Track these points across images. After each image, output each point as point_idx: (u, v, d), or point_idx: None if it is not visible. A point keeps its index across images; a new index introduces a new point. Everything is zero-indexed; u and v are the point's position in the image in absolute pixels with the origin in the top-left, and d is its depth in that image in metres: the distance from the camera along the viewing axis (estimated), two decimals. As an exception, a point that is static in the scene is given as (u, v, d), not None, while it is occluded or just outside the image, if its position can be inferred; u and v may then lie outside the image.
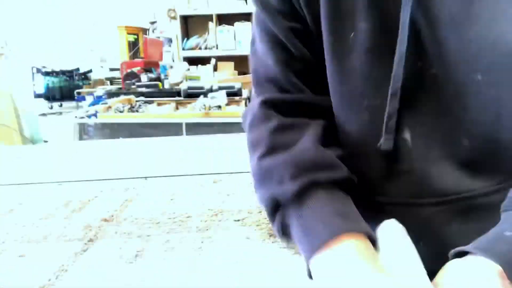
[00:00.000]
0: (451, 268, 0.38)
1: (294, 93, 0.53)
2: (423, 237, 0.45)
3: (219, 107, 2.95)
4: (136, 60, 6.00)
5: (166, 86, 4.11)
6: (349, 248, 0.40)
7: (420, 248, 0.40)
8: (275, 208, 0.46)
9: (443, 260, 0.39)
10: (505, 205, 0.42)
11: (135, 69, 4.28)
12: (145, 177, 1.02)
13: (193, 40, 5.11)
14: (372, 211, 0.49)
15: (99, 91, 4.47)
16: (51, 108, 10.17)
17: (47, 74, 10.36)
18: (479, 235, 0.40)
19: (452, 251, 0.39)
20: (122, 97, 3.32)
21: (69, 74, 10.38)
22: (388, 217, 0.43)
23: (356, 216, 0.44)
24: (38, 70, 10.89)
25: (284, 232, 0.46)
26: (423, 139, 0.47)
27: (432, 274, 0.39)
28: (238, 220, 0.73)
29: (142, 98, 3.48)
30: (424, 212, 0.48)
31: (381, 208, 0.50)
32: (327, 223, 0.42)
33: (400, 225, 0.42)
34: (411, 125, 0.47)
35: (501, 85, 0.43)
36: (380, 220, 0.43)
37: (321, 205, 0.44)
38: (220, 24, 5.08)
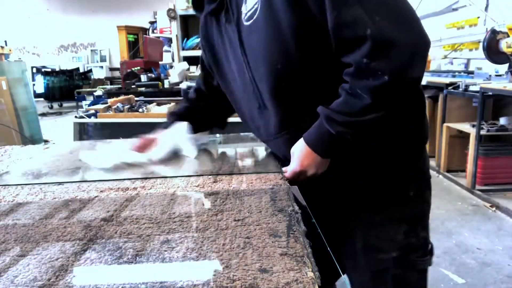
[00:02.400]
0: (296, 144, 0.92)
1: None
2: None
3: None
4: (136, 60, 6.00)
5: (166, 86, 4.11)
6: None
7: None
8: None
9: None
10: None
11: (135, 69, 4.28)
12: (145, 177, 1.02)
13: (193, 40, 5.10)
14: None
15: (99, 91, 4.47)
16: (51, 108, 10.18)
17: (47, 74, 10.36)
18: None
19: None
20: (122, 97, 3.32)
21: (69, 74, 10.38)
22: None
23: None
24: (38, 70, 10.89)
25: None
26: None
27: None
28: (238, 220, 0.73)
29: (142, 98, 3.48)
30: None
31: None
32: None
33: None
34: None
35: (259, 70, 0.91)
36: None
37: None
38: (220, 24, 5.07)
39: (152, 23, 7.98)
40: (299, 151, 0.91)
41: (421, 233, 0.96)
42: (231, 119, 1.35)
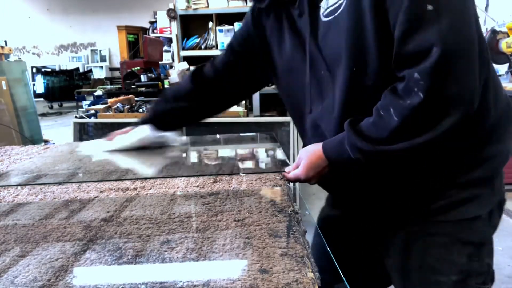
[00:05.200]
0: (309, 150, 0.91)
1: None
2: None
3: (219, 107, 2.94)
4: (136, 60, 6.00)
5: (166, 86, 4.11)
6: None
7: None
8: None
9: None
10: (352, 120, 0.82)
11: (135, 69, 4.28)
12: (145, 177, 1.02)
13: (193, 40, 5.10)
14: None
15: (99, 91, 4.47)
16: (51, 108, 10.18)
17: (47, 74, 10.35)
18: None
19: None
20: (122, 97, 3.32)
21: (69, 74, 10.38)
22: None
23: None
24: (38, 70, 10.89)
25: None
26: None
27: None
28: (238, 220, 0.73)
29: (142, 98, 3.48)
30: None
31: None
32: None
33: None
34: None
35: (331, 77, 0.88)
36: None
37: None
38: (220, 24, 5.08)
39: (152, 23, 7.98)
40: (309, 159, 0.88)
41: (486, 258, 0.88)
42: (231, 120, 1.35)
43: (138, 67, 4.39)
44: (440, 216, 0.86)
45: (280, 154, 1.23)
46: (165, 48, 6.03)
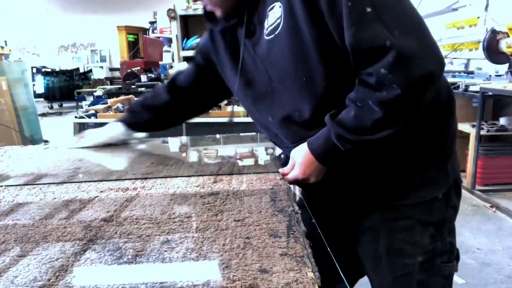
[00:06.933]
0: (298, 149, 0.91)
1: None
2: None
3: (219, 107, 2.95)
4: (136, 60, 6.00)
5: (166, 86, 4.11)
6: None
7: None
8: None
9: None
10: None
11: (135, 69, 4.28)
12: (145, 177, 1.02)
13: (193, 40, 5.10)
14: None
15: (99, 91, 4.47)
16: (51, 108, 10.19)
17: (47, 74, 10.36)
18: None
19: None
20: (122, 97, 3.32)
21: (69, 74, 10.39)
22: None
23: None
24: (38, 70, 10.89)
25: None
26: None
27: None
28: (238, 220, 0.73)
29: (142, 98, 3.48)
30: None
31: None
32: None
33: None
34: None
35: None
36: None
37: None
38: (220, 24, 5.07)
39: (152, 23, 7.98)
40: (302, 158, 0.89)
41: (448, 237, 0.94)
42: (234, 119, 1.35)
43: (138, 67, 4.39)
44: (401, 200, 0.91)
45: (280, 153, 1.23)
46: (165, 48, 6.03)
